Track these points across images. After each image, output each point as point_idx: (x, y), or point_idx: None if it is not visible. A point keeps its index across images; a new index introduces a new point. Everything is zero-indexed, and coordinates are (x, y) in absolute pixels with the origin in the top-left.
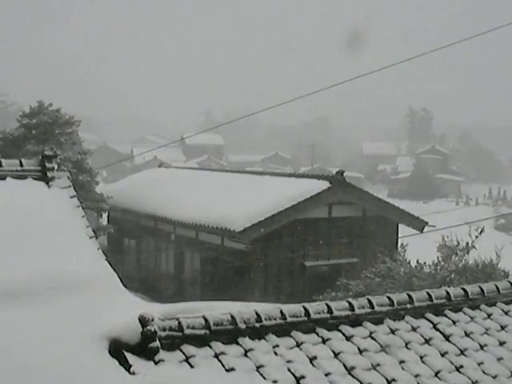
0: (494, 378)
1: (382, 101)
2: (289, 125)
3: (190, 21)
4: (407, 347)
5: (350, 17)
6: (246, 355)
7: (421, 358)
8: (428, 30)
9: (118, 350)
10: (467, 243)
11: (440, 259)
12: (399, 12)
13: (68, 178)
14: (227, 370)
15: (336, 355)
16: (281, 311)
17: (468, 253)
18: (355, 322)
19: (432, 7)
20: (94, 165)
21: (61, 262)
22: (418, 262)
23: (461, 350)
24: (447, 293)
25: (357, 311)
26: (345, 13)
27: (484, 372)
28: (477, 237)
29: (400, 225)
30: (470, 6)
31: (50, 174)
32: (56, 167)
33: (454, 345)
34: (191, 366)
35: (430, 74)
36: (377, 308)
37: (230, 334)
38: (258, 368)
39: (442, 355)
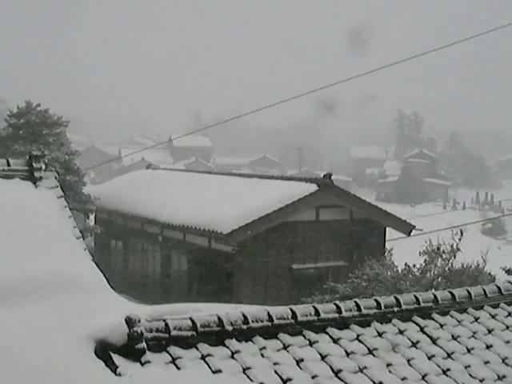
0: (481, 381)
1: (371, 104)
2: (277, 127)
3: (188, 21)
4: (394, 350)
5: (349, 18)
6: (232, 357)
7: (408, 361)
8: (420, 32)
9: (104, 351)
10: (452, 246)
11: (426, 263)
12: (398, 14)
13: (55, 178)
14: (214, 372)
15: (323, 358)
16: (268, 313)
17: (455, 256)
18: (342, 324)
19: (432, 9)
20: (82, 166)
21: (48, 262)
22: (405, 265)
23: (448, 354)
24: (434, 296)
25: (344, 314)
26: (343, 14)
27: (471, 375)
28: (460, 239)
29: (387, 228)
30: (468, 8)
31: (37, 174)
32: (43, 167)
33: (441, 348)
34: (178, 368)
35: (421, 78)
36: (364, 311)
37: (216, 335)
38: (244, 370)
39: (429, 358)
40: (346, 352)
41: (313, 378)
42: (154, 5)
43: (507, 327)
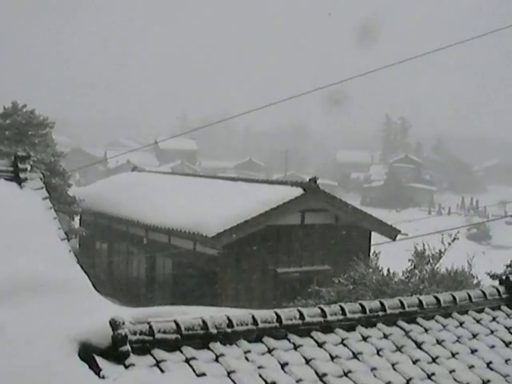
0: None
1: (358, 108)
2: (264, 131)
3: (182, 21)
4: (379, 354)
5: (345, 22)
6: (217, 360)
7: (392, 365)
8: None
9: (88, 353)
10: (440, 251)
11: (412, 267)
12: (395, 16)
13: (41, 179)
14: (198, 375)
15: (308, 362)
16: (252, 317)
17: (438, 260)
18: (327, 328)
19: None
20: (67, 167)
21: (32, 263)
22: (389, 270)
23: (432, 358)
24: (419, 300)
25: (329, 318)
26: (339, 18)
27: (455, 380)
28: (450, 244)
29: (373, 233)
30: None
31: (22, 175)
32: (29, 169)
33: (426, 352)
34: (162, 371)
35: (410, 83)
36: (349, 315)
37: (201, 338)
38: (229, 373)
39: (414, 363)
40: (331, 356)
41: (297, 381)
42: (147, 8)
43: (492, 332)
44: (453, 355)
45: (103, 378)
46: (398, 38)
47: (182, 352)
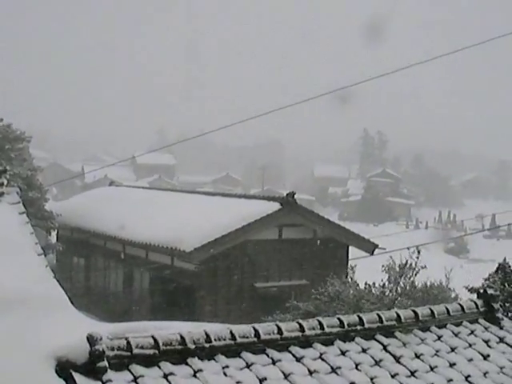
0: None
1: (336, 122)
2: (241, 146)
3: (166, 30)
4: (357, 369)
5: (326, 31)
6: (195, 376)
7: (371, 379)
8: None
9: (65, 369)
10: (410, 264)
11: (389, 281)
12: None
13: (17, 194)
14: None
15: (286, 376)
16: (231, 332)
17: (416, 274)
18: (305, 343)
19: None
20: (44, 182)
21: (8, 278)
22: (366, 284)
23: (411, 372)
24: (397, 315)
25: (307, 332)
26: (321, 28)
27: None
28: (418, 257)
29: (351, 247)
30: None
31: None
32: (5, 183)
33: (405, 366)
34: None
35: (389, 97)
36: (327, 329)
37: (179, 354)
38: None
39: (393, 377)
40: (309, 371)
41: None
42: (136, 16)
43: (470, 345)
44: (431, 369)
45: None
46: (374, 51)
47: (159, 367)
